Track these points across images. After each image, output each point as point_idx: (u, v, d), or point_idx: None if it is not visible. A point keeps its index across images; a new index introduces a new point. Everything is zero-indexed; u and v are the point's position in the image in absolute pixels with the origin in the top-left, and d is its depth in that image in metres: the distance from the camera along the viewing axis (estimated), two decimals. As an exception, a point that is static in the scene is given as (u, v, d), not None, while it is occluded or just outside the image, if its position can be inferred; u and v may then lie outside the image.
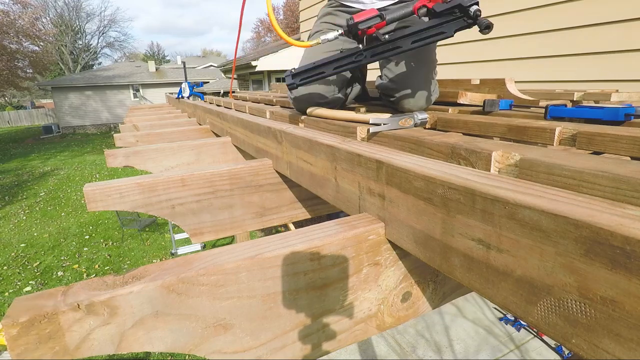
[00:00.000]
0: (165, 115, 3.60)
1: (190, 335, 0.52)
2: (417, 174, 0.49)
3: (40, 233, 7.77)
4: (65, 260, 6.54)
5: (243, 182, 1.16)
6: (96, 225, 8.02)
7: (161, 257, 6.47)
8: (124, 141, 2.15)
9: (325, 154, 0.78)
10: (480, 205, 0.39)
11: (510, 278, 0.37)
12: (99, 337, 0.46)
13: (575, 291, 0.32)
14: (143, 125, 2.74)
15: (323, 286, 0.61)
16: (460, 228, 0.42)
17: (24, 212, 9.09)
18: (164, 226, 7.48)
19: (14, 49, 21.37)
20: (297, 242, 0.58)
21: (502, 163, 0.76)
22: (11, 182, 11.84)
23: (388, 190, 0.57)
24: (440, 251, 0.47)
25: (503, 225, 0.37)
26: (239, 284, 0.54)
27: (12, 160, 15.46)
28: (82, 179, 11.80)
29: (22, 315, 0.41)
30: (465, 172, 0.47)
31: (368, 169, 0.62)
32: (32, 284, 5.81)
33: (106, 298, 0.45)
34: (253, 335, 0.57)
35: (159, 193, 1.09)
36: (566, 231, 0.32)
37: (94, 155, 15.66)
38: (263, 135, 1.21)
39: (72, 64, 34.03)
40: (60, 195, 10.22)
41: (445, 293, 0.78)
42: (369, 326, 0.69)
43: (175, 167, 1.64)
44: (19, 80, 23.31)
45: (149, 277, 0.49)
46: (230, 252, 0.55)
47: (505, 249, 0.37)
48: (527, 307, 0.37)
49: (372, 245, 0.62)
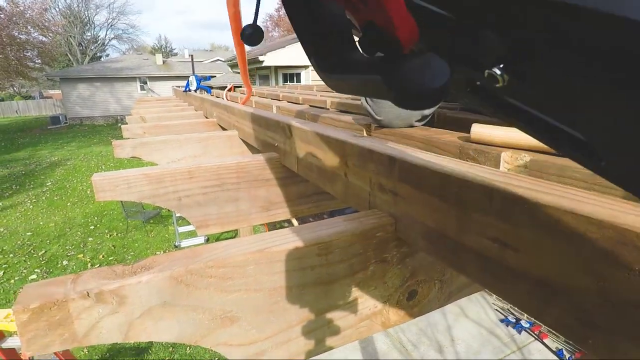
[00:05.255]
0: (173, 108, 3.61)
1: (196, 327, 0.52)
2: (432, 170, 0.49)
3: (46, 222, 7.85)
4: (70, 250, 6.61)
5: (250, 175, 1.16)
6: (101, 215, 8.08)
7: (165, 249, 6.51)
8: (131, 132, 2.15)
9: (336, 149, 0.77)
10: (497, 203, 0.38)
11: (526, 278, 0.37)
12: (107, 325, 0.46)
13: (595, 293, 0.31)
14: (150, 117, 2.75)
15: (329, 282, 0.60)
16: (476, 226, 0.42)
17: (30, 201, 9.18)
18: (167, 218, 7.53)
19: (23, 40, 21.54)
20: (305, 237, 0.57)
21: (511, 164, 0.75)
22: (19, 172, 11.96)
23: (400, 186, 0.57)
24: (453, 249, 0.46)
25: (522, 224, 0.36)
26: (246, 277, 0.53)
27: (21, 150, 15.61)
28: (88, 169, 11.89)
29: (32, 302, 0.41)
30: (482, 170, 0.46)
31: (380, 164, 0.61)
32: (38, 272, 5.88)
33: (115, 287, 0.45)
34: (259, 328, 0.57)
35: (166, 184, 1.09)
36: (588, 231, 0.31)
37: (100, 146, 15.76)
38: (271, 129, 1.20)
39: (80, 55, 34.21)
40: (67, 186, 10.30)
41: (452, 292, 0.78)
42: (374, 323, 0.69)
43: (182, 159, 1.64)
44: (28, 70, 23.50)
45: (158, 268, 0.49)
46: (238, 245, 0.55)
47: (522, 248, 0.36)
48: (542, 307, 0.36)
49: (380, 242, 0.62)
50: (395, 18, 0.24)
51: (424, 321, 4.45)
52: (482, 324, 4.50)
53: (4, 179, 11.14)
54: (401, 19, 0.24)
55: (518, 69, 0.21)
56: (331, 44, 0.33)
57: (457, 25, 0.24)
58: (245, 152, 1.69)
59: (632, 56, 0.15)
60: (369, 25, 0.27)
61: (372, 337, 4.18)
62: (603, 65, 0.17)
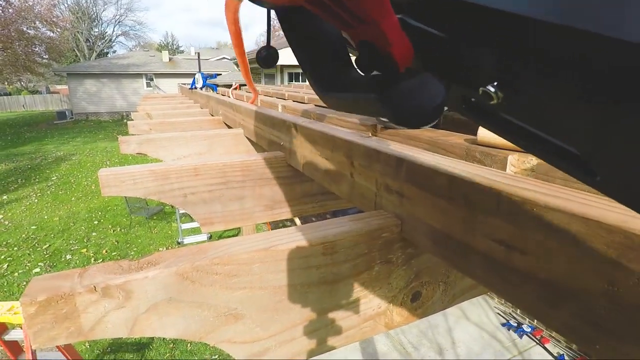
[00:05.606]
0: (178, 105, 3.62)
1: (201, 323, 0.52)
2: (440, 172, 0.48)
3: (50, 216, 7.91)
4: (74, 244, 6.65)
5: (255, 174, 1.16)
6: (105, 211, 8.14)
7: (167, 245, 6.54)
8: (137, 129, 2.16)
9: (342, 149, 0.77)
10: (506, 206, 0.38)
11: (533, 280, 0.37)
12: (113, 320, 0.46)
13: (603, 296, 0.31)
14: (156, 114, 2.76)
15: (334, 281, 0.60)
16: (483, 228, 0.41)
17: (35, 195, 9.25)
18: (171, 215, 7.56)
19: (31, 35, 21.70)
20: (310, 236, 0.57)
21: (517, 167, 0.75)
22: (25, 166, 12.06)
23: (407, 187, 0.57)
24: (459, 251, 0.46)
25: (529, 227, 0.36)
26: (251, 275, 0.54)
27: (27, 144, 15.73)
28: (93, 165, 11.96)
29: (40, 294, 0.42)
30: (490, 172, 0.46)
31: (387, 165, 0.61)
32: (41, 265, 5.92)
33: (122, 282, 0.46)
34: (263, 326, 0.57)
35: (171, 181, 1.09)
36: (597, 235, 0.31)
37: (106, 142, 15.85)
38: (277, 128, 1.20)
39: (87, 51, 34.42)
40: (72, 180, 10.37)
41: (455, 295, 0.78)
42: (377, 324, 0.69)
43: (187, 156, 1.65)
44: (35, 65, 23.67)
45: (164, 264, 0.49)
46: (244, 243, 0.55)
47: (529, 251, 0.36)
48: (549, 310, 0.36)
49: (385, 242, 0.62)
50: (391, 37, 0.24)
51: (425, 323, 4.44)
52: (484, 327, 4.48)
53: (10, 172, 11.24)
54: (396, 39, 0.25)
55: (512, 86, 0.21)
56: (327, 62, 0.33)
57: (451, 45, 0.24)
58: (250, 150, 1.69)
59: (626, 73, 0.15)
60: (365, 44, 0.27)
61: (372, 338, 4.18)
62: (595, 81, 0.17)
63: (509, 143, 0.76)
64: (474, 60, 0.23)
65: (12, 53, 20.91)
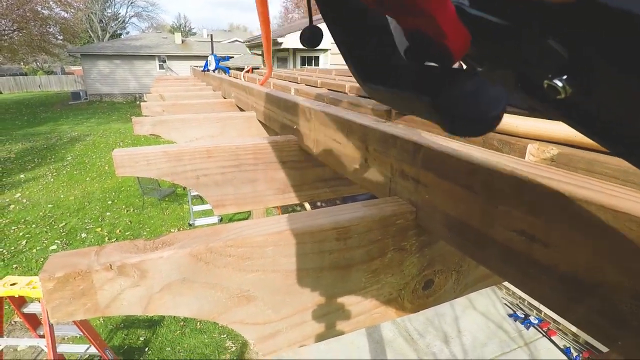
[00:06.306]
0: (191, 87, 3.62)
1: (214, 304, 0.53)
2: (458, 159, 0.47)
3: (66, 195, 8.10)
4: (89, 223, 6.82)
5: (268, 157, 1.16)
6: (119, 191, 8.29)
7: (179, 227, 6.65)
8: (151, 110, 2.17)
9: (357, 133, 0.76)
10: (528, 195, 0.37)
11: (553, 273, 0.36)
12: (128, 297, 0.47)
13: (628, 292, 0.30)
14: (169, 95, 2.76)
15: (346, 267, 0.60)
16: (502, 218, 0.40)
17: (51, 174, 9.46)
18: (182, 197, 7.67)
19: (45, 15, 21.79)
20: (324, 220, 0.57)
21: (537, 156, 0.73)
22: (41, 145, 12.30)
23: (424, 174, 0.55)
24: (475, 240, 0.45)
25: (553, 218, 0.35)
26: (264, 257, 0.54)
27: (43, 124, 16.00)
28: (107, 146, 12.13)
29: (58, 271, 0.42)
30: (511, 161, 0.45)
31: (403, 151, 0.60)
32: (58, 242, 6.10)
33: (137, 261, 0.46)
34: (274, 309, 0.58)
35: (184, 163, 1.09)
36: (626, 228, 0.29)
37: (119, 123, 16.03)
38: (290, 111, 1.19)
39: (100, 32, 34.51)
40: (86, 161, 10.56)
41: (467, 284, 0.77)
42: (388, 310, 0.69)
43: (200, 138, 1.65)
44: (50, 46, 23.85)
45: (179, 244, 0.50)
46: (258, 226, 0.55)
47: (552, 243, 0.35)
48: (569, 304, 0.35)
49: (399, 229, 0.61)
50: (446, 29, 0.22)
51: (432, 311, 4.47)
52: (490, 317, 4.49)
53: (27, 151, 11.48)
54: (452, 30, 0.22)
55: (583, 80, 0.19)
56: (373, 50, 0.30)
57: (516, 35, 0.22)
58: (263, 133, 1.69)
59: None
60: (417, 35, 0.25)
61: (378, 324, 4.22)
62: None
63: (529, 131, 0.73)
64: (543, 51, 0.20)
65: (27, 33, 21.09)
